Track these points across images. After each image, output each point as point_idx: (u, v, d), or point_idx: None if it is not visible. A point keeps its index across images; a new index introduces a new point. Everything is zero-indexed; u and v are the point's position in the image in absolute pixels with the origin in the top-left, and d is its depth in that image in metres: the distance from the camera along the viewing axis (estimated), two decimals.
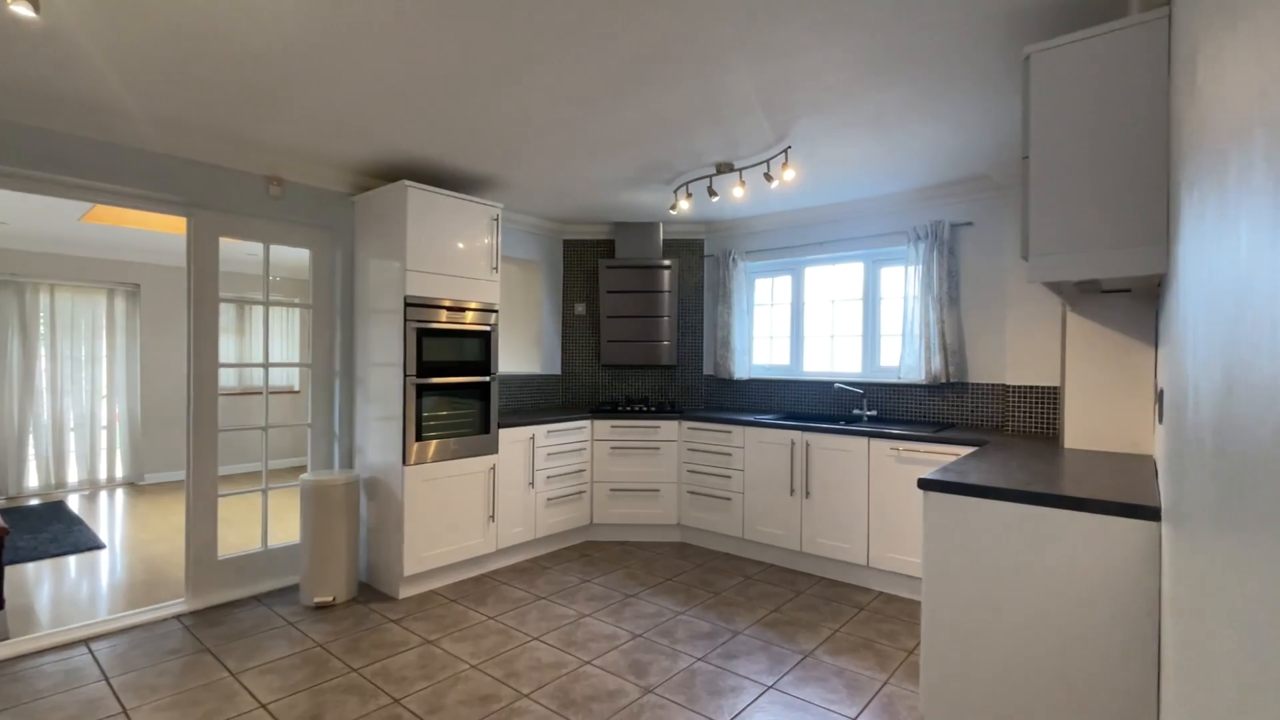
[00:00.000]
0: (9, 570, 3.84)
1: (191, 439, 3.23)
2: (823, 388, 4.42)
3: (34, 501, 5.63)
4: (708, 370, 5.03)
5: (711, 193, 3.50)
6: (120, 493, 6.06)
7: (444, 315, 3.51)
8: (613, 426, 4.43)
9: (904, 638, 2.94)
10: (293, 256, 6.27)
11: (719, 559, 4.08)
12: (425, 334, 3.42)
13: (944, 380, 3.78)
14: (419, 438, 3.39)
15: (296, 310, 7.73)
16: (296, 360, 7.44)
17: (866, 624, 3.09)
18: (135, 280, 6.43)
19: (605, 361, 4.95)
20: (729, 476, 4.14)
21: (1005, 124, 2.83)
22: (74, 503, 5.64)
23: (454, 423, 3.57)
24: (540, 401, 4.94)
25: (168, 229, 5.22)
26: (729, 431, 4.14)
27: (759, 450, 4.01)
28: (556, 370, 5.07)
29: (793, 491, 3.84)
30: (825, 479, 3.71)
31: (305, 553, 3.29)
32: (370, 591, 3.48)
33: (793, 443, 3.84)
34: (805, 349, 4.67)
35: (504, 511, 3.87)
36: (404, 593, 3.40)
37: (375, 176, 3.72)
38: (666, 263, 4.71)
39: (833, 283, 4.58)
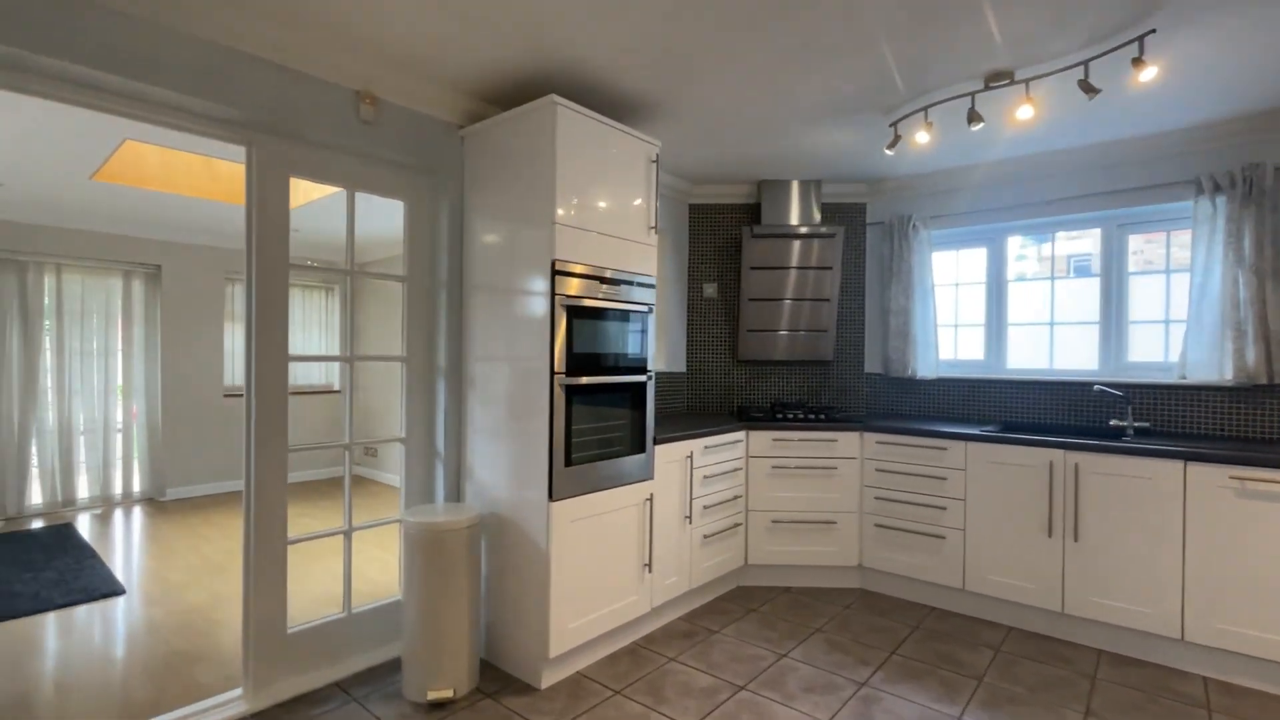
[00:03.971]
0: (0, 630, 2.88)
1: (253, 461, 2.25)
2: (1040, 390, 3.41)
3: (37, 524, 4.69)
4: (871, 368, 4.02)
5: (974, 118, 2.49)
6: (138, 511, 5.12)
7: (598, 289, 2.52)
8: (774, 440, 3.43)
9: None
10: (332, 227, 5.26)
11: (932, 617, 3.09)
12: (575, 315, 2.43)
13: (1264, 380, 2.76)
14: (568, 461, 2.41)
15: (333, 294, 6.77)
16: (337, 353, 6.49)
17: None
18: (155, 261, 5.48)
19: (742, 356, 3.96)
20: (943, 508, 3.14)
21: None
22: (84, 524, 4.70)
23: (606, 439, 2.58)
24: (663, 407, 3.95)
25: (194, 191, 4.26)
26: (944, 448, 3.14)
27: (991, 473, 3.01)
28: (681, 367, 4.07)
29: (1051, 531, 2.83)
30: (1105, 516, 2.71)
31: (412, 626, 2.31)
32: (496, 676, 2.50)
33: (1051, 465, 2.83)
34: (1009, 340, 3.66)
35: (659, 556, 2.89)
36: (548, 679, 2.42)
37: (490, 100, 2.73)
38: (831, 230, 3.70)
39: (1045, 254, 3.58)
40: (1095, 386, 3.09)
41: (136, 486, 5.51)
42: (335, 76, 2.30)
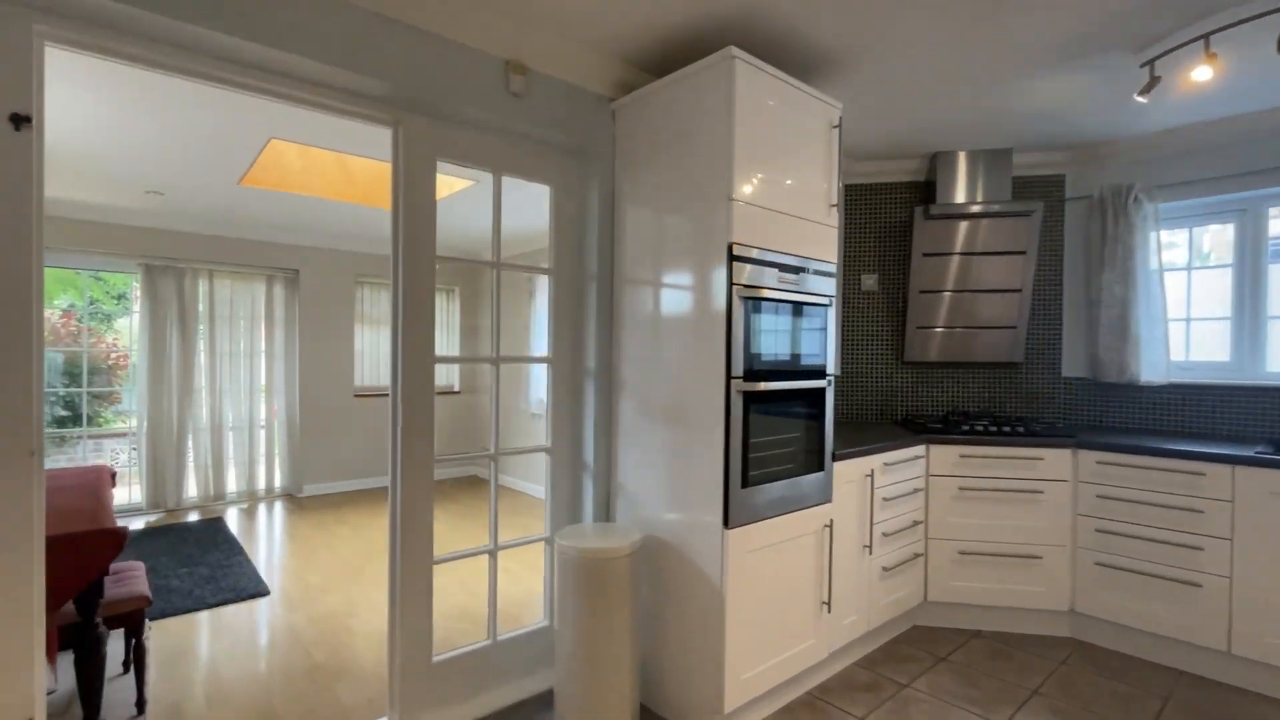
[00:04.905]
0: (156, 629, 2.91)
1: (399, 470, 2.05)
2: None
3: (193, 517, 4.93)
4: (1071, 370, 3.37)
5: None
6: (279, 507, 5.29)
7: (779, 279, 2.14)
8: (961, 456, 2.90)
9: None
10: (449, 226, 5.16)
11: (1183, 684, 2.45)
12: (754, 309, 2.06)
13: None
14: (745, 482, 2.04)
15: (453, 296, 6.80)
16: (458, 353, 6.47)
17: None
18: (294, 266, 5.67)
19: (909, 358, 3.44)
20: (1198, 548, 2.50)
21: None
22: (232, 519, 4.88)
23: (782, 454, 2.19)
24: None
25: (330, 193, 4.28)
26: (1200, 473, 2.49)
27: (1274, 507, 2.34)
28: (834, 369, 3.59)
29: None
30: None
31: (567, 663, 2.03)
32: None
33: None
34: (1269, 336, 2.91)
35: (837, 592, 2.46)
36: None
37: (645, 67, 2.42)
38: (1027, 207, 3.11)
39: None
40: None
41: (278, 482, 5.73)
42: (483, 43, 2.06)
